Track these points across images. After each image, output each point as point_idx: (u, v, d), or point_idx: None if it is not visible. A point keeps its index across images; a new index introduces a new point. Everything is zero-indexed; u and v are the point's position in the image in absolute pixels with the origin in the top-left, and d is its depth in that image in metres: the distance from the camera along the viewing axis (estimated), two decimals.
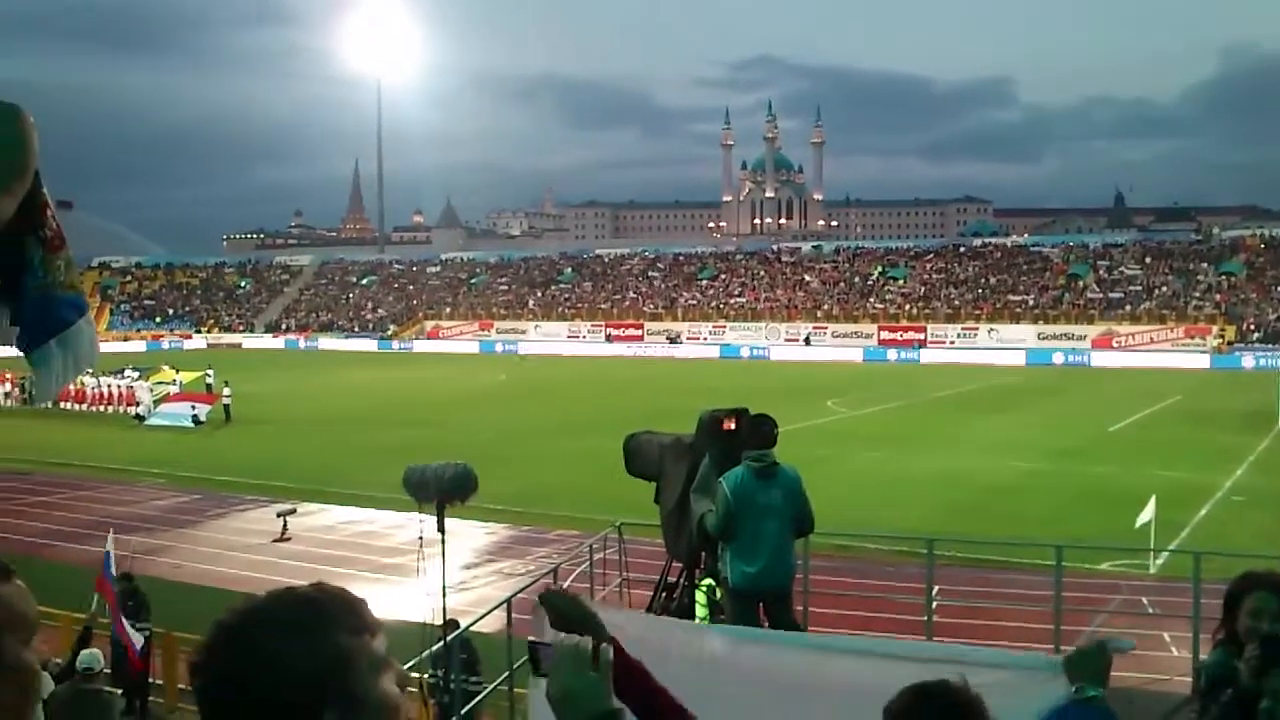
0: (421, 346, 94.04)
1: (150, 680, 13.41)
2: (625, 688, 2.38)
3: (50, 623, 12.05)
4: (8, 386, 47.88)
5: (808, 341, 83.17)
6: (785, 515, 8.30)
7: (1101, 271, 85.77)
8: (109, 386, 45.24)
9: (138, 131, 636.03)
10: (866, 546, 18.76)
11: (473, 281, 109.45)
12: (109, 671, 11.67)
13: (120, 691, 12.14)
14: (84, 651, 10.22)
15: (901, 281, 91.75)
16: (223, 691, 1.36)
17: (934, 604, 10.82)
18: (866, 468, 29.12)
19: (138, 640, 12.20)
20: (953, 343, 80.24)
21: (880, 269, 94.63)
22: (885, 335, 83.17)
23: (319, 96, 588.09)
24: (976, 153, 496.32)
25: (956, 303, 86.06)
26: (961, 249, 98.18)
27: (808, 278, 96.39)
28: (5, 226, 1.39)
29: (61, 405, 43.21)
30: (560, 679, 1.84)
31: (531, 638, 2.04)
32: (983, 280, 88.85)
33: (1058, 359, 72.65)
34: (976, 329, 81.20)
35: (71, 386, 41.02)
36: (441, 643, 9.78)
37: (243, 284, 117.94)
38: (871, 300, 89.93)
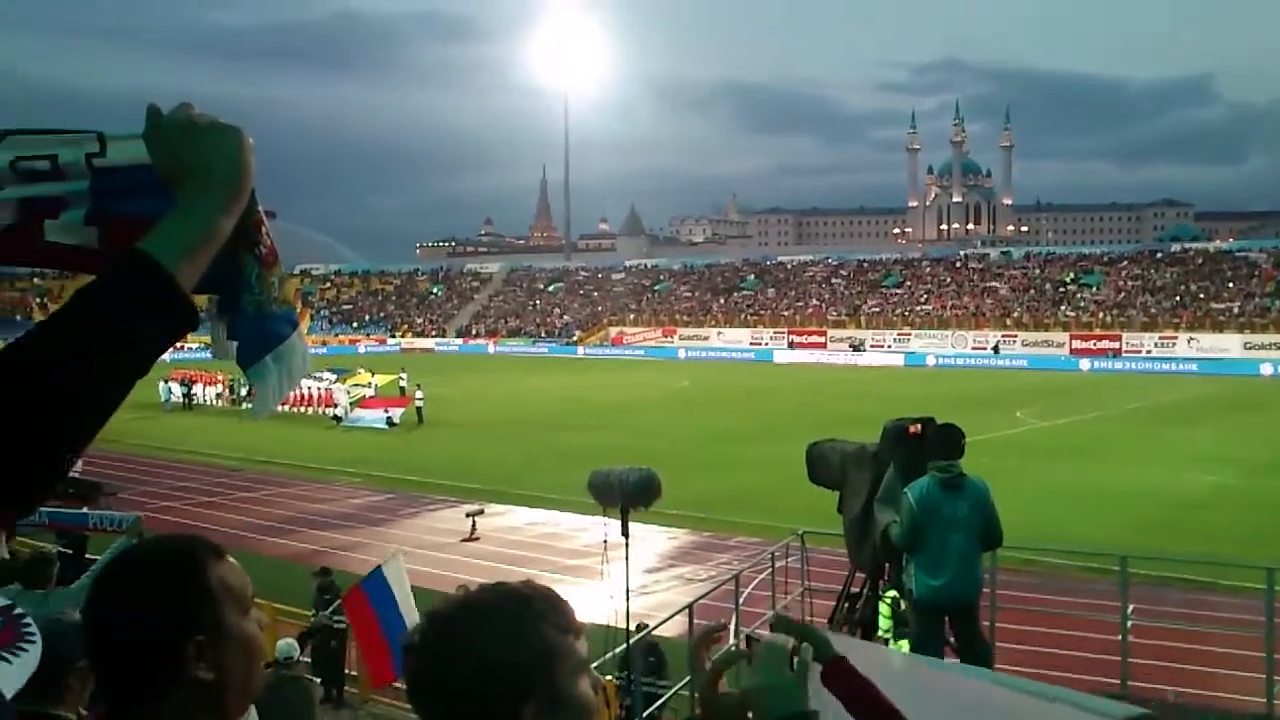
0: (606, 352, 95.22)
1: (346, 671, 13.99)
2: (852, 703, 2.44)
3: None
4: (219, 388, 50.61)
5: (996, 350, 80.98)
6: (972, 527, 8.12)
7: None
8: (308, 389, 47.07)
9: (337, 144, 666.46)
10: (1055, 561, 18.17)
11: (656, 288, 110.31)
12: (308, 660, 12.25)
13: (319, 680, 12.71)
14: (281, 641, 10.75)
15: (1095, 288, 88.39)
16: (430, 678, 1.41)
17: (1129, 623, 10.40)
18: (1055, 480, 28.15)
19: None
20: (1150, 352, 76.68)
21: (1073, 275, 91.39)
22: (1078, 344, 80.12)
23: (507, 108, 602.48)
24: (1174, 154, 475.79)
25: (1153, 310, 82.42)
26: (1159, 254, 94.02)
27: (996, 284, 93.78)
28: (224, 245, 1.45)
29: None
30: (757, 676, 1.87)
31: (746, 631, 2.07)
32: (1182, 287, 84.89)
33: (1265, 370, 68.68)
34: (1175, 338, 77.48)
35: None
36: (625, 645, 9.92)
37: (435, 290, 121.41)
38: (1063, 308, 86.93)
